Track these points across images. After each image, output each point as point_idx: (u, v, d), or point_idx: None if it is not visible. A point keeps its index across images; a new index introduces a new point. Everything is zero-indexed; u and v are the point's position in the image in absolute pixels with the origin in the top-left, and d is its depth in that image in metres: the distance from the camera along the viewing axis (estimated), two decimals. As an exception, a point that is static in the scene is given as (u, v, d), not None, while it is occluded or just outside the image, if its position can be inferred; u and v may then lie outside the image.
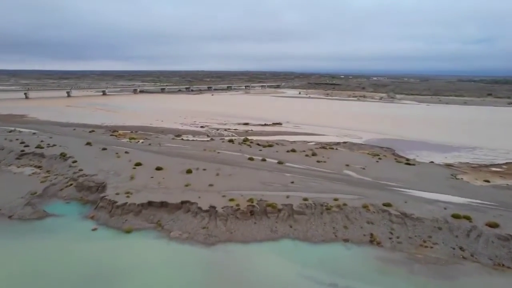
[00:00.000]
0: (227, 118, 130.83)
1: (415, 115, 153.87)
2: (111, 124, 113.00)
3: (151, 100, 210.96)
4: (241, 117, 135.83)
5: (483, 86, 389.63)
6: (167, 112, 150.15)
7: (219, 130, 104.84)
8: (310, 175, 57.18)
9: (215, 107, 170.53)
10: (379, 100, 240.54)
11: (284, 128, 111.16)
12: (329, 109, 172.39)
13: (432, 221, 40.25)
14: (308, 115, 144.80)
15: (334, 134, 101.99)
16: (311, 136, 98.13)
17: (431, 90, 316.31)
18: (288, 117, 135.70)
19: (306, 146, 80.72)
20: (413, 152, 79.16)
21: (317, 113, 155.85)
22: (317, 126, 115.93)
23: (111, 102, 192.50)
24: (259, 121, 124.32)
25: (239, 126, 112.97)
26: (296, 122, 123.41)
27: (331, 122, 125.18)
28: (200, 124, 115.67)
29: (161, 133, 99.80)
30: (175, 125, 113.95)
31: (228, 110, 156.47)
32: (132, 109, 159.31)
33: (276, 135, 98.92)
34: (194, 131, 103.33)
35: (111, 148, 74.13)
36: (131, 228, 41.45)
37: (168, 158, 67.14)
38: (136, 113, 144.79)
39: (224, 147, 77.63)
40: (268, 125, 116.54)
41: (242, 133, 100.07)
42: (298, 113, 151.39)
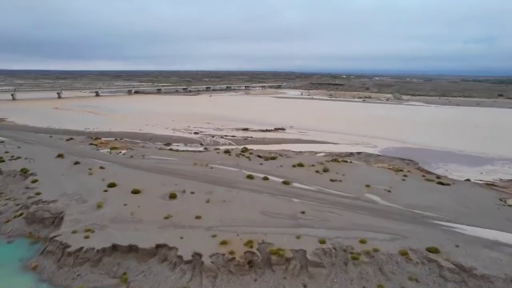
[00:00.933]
0: (224, 123, 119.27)
1: (429, 119, 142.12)
2: (95, 130, 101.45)
3: (145, 102, 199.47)
4: (240, 121, 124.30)
5: (491, 86, 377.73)
6: (160, 115, 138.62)
7: (215, 137, 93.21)
8: (324, 201, 45.58)
9: (212, 110, 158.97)
10: (385, 102, 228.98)
11: (288, 135, 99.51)
12: (335, 112, 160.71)
13: (505, 282, 28.64)
14: (313, 119, 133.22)
15: (345, 141, 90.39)
16: (319, 144, 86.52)
17: (438, 91, 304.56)
18: (291, 121, 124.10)
19: (315, 159, 69.05)
20: (440, 166, 67.59)
21: (322, 116, 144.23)
22: (324, 132, 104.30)
23: (103, 104, 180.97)
24: (259, 126, 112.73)
25: (237, 132, 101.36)
26: (300, 127, 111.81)
27: (340, 127, 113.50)
28: (194, 130, 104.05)
29: (149, 140, 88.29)
30: (166, 131, 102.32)
31: (226, 113, 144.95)
32: (123, 112, 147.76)
33: (279, 143, 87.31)
34: (186, 138, 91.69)
35: (85, 162, 62.59)
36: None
37: (150, 175, 55.57)
38: (126, 117, 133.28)
39: (219, 160, 65.97)
40: (270, 131, 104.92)
41: (240, 141, 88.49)
42: (302, 117, 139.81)
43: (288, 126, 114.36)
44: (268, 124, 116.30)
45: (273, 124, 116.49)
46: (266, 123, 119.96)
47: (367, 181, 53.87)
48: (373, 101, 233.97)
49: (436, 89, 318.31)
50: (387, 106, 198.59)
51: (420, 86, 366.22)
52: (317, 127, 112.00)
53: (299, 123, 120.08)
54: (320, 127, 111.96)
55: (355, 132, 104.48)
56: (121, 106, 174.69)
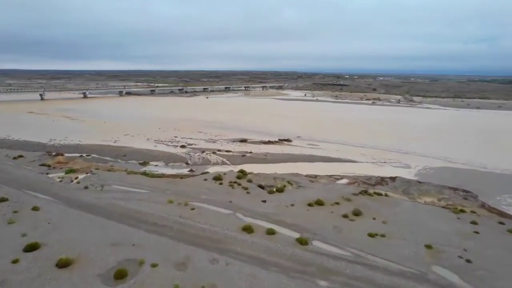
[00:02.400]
0: (219, 131, 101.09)
1: (458, 125, 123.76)
2: (61, 143, 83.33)
3: (135, 104, 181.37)
4: (238, 128, 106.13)
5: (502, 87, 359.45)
6: (147, 121, 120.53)
7: (205, 152, 74.94)
8: (368, 283, 27.47)
9: (207, 114, 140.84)
10: (396, 104, 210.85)
11: (296, 149, 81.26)
12: (345, 116, 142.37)
13: None
14: (322, 126, 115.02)
15: (368, 158, 72.23)
16: (336, 164, 68.34)
17: (451, 92, 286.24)
18: (297, 129, 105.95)
19: (337, 189, 50.84)
20: (506, 199, 49.45)
21: (332, 121, 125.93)
22: (339, 144, 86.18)
23: (86, 107, 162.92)
24: (260, 136, 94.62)
25: (234, 146, 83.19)
26: (309, 137, 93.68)
27: (356, 136, 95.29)
28: (182, 142, 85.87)
29: (123, 157, 70.20)
30: (147, 143, 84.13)
31: (222, 118, 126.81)
32: (105, 117, 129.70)
33: (285, 161, 69.12)
34: (169, 154, 73.48)
35: (17, 198, 44.49)
36: None
37: (100, 225, 37.43)
38: (106, 123, 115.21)
39: (205, 194, 47.76)
40: (273, 142, 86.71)
41: (236, 159, 70.30)
42: (309, 123, 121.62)
43: (294, 135, 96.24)
44: (270, 134, 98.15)
45: (277, 133, 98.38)
46: (268, 131, 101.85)
47: (424, 236, 35.68)
48: (383, 103, 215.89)
49: (448, 90, 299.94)
50: (401, 109, 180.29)
51: (429, 86, 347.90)
52: (329, 137, 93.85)
53: (307, 132, 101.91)
54: (333, 137, 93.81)
55: (377, 143, 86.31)
56: (106, 109, 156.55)
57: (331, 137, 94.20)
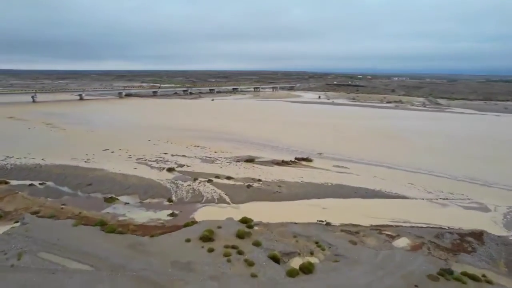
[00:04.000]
0: (220, 145, 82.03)
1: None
2: (16, 163, 65.30)
3: (131, 108, 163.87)
4: (244, 140, 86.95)
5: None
6: (137, 129, 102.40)
7: (198, 180, 55.76)
8: None
9: (210, 120, 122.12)
10: (423, 108, 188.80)
11: (319, 173, 61.45)
12: (371, 124, 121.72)
13: None
14: (347, 137, 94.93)
15: (419, 190, 52.12)
16: (379, 200, 48.50)
17: (478, 93, 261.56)
18: (317, 141, 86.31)
19: (398, 264, 30.99)
20: None
21: (357, 131, 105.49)
22: (373, 165, 66.19)
23: (76, 111, 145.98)
24: (272, 151, 75.38)
25: (238, 168, 63.78)
26: (334, 154, 73.95)
27: (393, 153, 75.08)
28: (171, 161, 66.99)
29: (86, 188, 51.68)
30: (126, 164, 65.47)
31: (226, 126, 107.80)
32: (91, 125, 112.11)
33: (307, 197, 49.45)
34: (149, 183, 54.55)
35: None
36: None
37: None
38: (87, 134, 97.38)
39: (183, 277, 28.57)
40: (289, 163, 67.11)
41: (239, 191, 50.99)
42: (330, 132, 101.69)
43: (314, 151, 76.66)
44: (284, 148, 78.74)
45: (292, 147, 78.94)
46: (281, 144, 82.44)
47: None
48: (407, 106, 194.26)
49: (475, 91, 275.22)
50: (431, 114, 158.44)
51: (452, 87, 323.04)
52: (358, 154, 73.95)
53: (329, 145, 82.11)
54: (363, 154, 73.87)
55: (424, 165, 65.95)
56: (97, 114, 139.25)
57: (361, 154, 74.24)
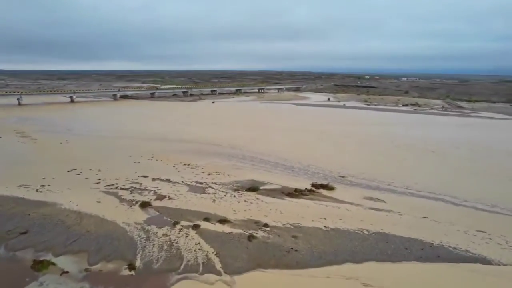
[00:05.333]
0: (216, 163, 65.68)
1: None
2: None
3: (123, 112, 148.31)
4: (246, 157, 70.56)
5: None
6: (120, 140, 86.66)
7: (179, 224, 39.39)
8: None
9: (207, 128, 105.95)
10: (445, 112, 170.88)
11: (347, 210, 44.73)
12: (398, 133, 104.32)
13: None
14: (373, 152, 77.94)
15: (507, 248, 35.43)
16: (449, 266, 31.84)
17: (501, 95, 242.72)
18: (337, 157, 69.72)
19: None
20: None
21: (384, 144, 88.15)
22: (420, 195, 49.44)
23: (61, 116, 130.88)
24: (281, 172, 59.03)
25: (236, 202, 47.17)
26: (362, 177, 57.33)
27: (439, 177, 58.16)
28: (149, 189, 50.78)
29: (17, 238, 35.70)
30: (90, 193, 49.28)
31: (226, 137, 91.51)
32: (70, 133, 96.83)
33: (337, 261, 32.79)
34: (111, 229, 38.24)
35: None
36: None
37: None
38: (61, 145, 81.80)
39: None
40: (304, 193, 50.51)
41: (236, 247, 34.46)
42: (350, 144, 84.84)
43: (335, 172, 60.14)
44: (297, 169, 62.27)
45: (307, 167, 62.44)
46: (293, 163, 65.93)
47: None
48: (426, 110, 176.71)
49: (497, 92, 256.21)
50: (458, 120, 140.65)
51: (470, 89, 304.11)
52: (393, 178, 57.24)
53: (352, 164, 65.42)
54: (399, 178, 57.16)
55: (488, 197, 49.06)
56: (83, 120, 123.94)
57: (395, 177, 57.51)
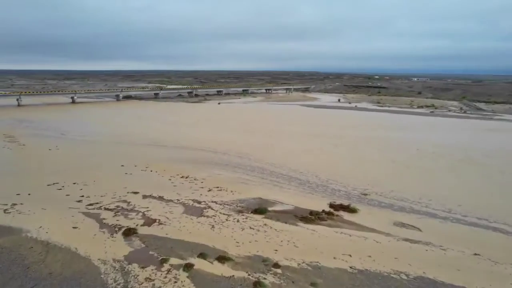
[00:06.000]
0: (219, 175, 57.54)
1: None
2: None
3: (124, 114, 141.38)
4: (254, 167, 62.27)
5: None
6: (115, 147, 79.33)
7: (168, 263, 31.16)
8: None
9: (211, 132, 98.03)
10: (464, 114, 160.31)
11: (378, 245, 36.10)
12: (417, 137, 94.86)
13: None
14: (397, 162, 68.87)
15: None
16: None
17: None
18: (356, 168, 60.98)
19: None
20: None
21: (409, 152, 78.74)
22: (464, 222, 40.60)
23: (59, 118, 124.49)
24: (293, 189, 50.57)
25: (240, 229, 38.93)
26: (387, 195, 48.60)
27: (484, 197, 49.18)
28: (138, 209, 42.81)
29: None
30: (66, 215, 41.39)
31: (231, 142, 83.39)
32: (64, 138, 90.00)
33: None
34: (81, 269, 30.17)
35: None
36: None
37: None
38: (51, 152, 74.65)
39: None
40: (322, 216, 42.02)
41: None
42: (371, 153, 75.86)
43: (355, 186, 51.56)
44: (311, 182, 53.78)
45: (323, 180, 53.93)
46: (306, 175, 57.41)
47: None
48: (444, 112, 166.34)
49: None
50: (482, 124, 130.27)
51: (487, 89, 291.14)
52: (426, 196, 48.47)
53: (374, 177, 56.72)
54: (433, 197, 48.35)
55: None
56: (81, 122, 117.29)
57: (428, 195, 48.71)
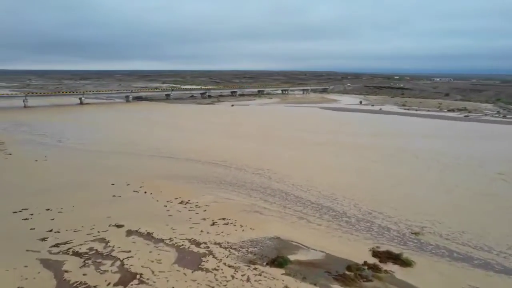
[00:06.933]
0: (226, 201, 46.22)
1: None
2: None
3: (129, 117, 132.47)
4: (274, 191, 50.65)
5: None
6: (111, 159, 69.42)
7: None
8: None
9: (222, 140, 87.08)
10: (503, 118, 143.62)
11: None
12: (464, 148, 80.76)
13: None
14: (455, 184, 55.63)
15: None
16: None
17: None
18: (406, 196, 48.45)
19: None
20: None
21: (462, 169, 65.08)
22: None
23: (60, 122, 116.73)
24: (326, 226, 38.76)
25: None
26: (449, 235, 36.05)
27: None
28: (114, 259, 32.16)
29: None
30: (16, 264, 31.38)
31: (243, 155, 72.03)
32: (54, 148, 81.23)
33: None
34: None
35: None
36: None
37: None
38: (34, 164, 65.39)
39: None
40: (364, 272, 30.02)
41: None
42: (417, 171, 62.75)
43: (413, 226, 39.30)
44: (352, 218, 41.79)
45: (366, 219, 41.83)
46: (344, 208, 45.36)
47: None
48: (481, 117, 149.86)
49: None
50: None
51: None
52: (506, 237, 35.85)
53: (432, 207, 44.19)
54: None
55: None
56: (82, 126, 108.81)
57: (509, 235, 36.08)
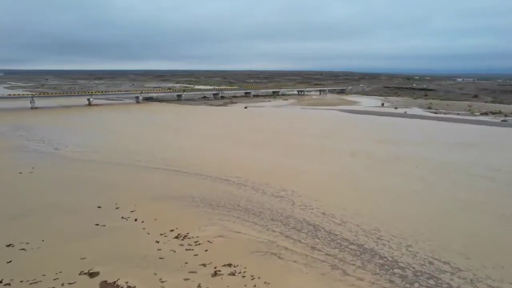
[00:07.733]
0: (235, 234, 35.98)
1: None
2: None
3: (136, 120, 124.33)
4: (300, 223, 40.13)
5: None
6: (105, 172, 60.41)
7: None
8: None
9: (234, 148, 77.09)
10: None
11: None
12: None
13: None
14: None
15: None
16: None
17: None
18: (471, 234, 37.13)
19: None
20: None
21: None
22: None
23: (63, 124, 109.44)
24: (369, 281, 28.10)
25: None
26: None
27: None
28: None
29: None
30: None
31: (257, 170, 61.75)
32: (48, 157, 73.05)
33: None
34: None
35: None
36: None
37: None
38: (19, 178, 56.93)
39: None
40: None
41: None
42: (489, 198, 51.15)
43: (472, 273, 28.23)
44: (407, 269, 30.87)
45: (423, 269, 30.85)
46: (393, 252, 34.32)
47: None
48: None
49: None
50: None
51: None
52: None
53: (498, 251, 33.05)
54: None
55: None
56: (85, 130, 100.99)
57: None
